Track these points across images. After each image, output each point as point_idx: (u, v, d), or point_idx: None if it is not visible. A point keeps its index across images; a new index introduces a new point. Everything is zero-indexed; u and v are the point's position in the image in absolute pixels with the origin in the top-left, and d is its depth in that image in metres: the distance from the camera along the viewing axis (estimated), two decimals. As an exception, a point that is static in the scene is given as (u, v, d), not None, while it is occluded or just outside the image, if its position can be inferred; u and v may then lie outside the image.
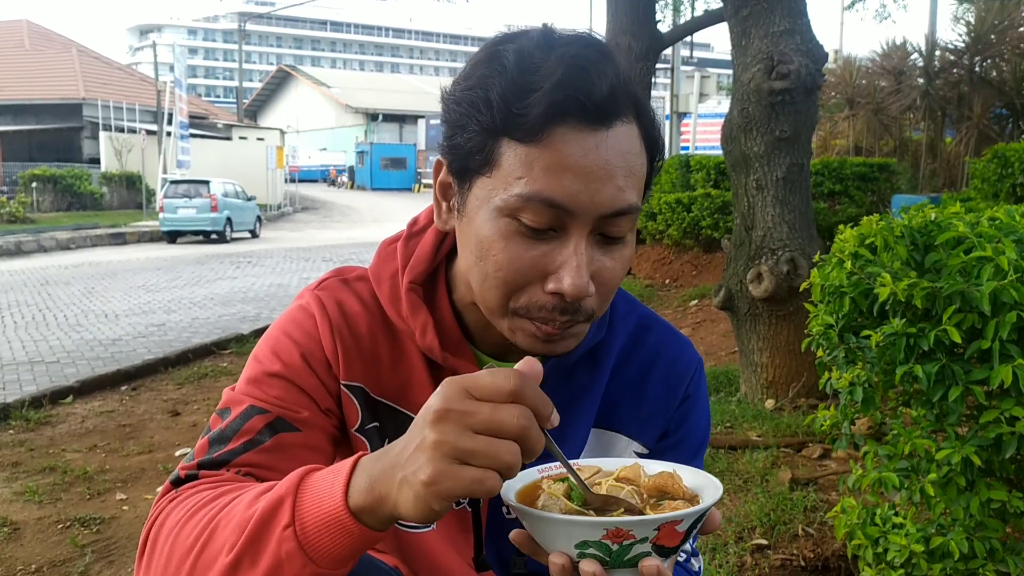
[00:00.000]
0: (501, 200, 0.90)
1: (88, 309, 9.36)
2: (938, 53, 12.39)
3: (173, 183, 19.77)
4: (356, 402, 1.06)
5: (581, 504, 0.81)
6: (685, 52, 16.86)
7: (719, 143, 4.87)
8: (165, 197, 19.16)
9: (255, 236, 21.30)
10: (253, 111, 68.37)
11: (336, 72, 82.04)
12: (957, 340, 1.60)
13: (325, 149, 60.04)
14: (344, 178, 52.09)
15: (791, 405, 4.46)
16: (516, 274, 0.92)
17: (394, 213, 28.71)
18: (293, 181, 34.33)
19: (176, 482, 0.96)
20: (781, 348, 4.54)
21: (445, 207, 1.01)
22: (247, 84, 72.42)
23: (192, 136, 26.76)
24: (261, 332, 1.10)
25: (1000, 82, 11.86)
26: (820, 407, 2.07)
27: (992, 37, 11.67)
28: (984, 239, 1.67)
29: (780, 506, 3.14)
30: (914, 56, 12.81)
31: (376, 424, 1.07)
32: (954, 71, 12.19)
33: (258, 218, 21.96)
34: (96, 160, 29.50)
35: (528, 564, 1.09)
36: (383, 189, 47.06)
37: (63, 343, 7.41)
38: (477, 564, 1.11)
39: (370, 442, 1.07)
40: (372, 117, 59.61)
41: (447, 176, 0.99)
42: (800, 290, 3.86)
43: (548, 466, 0.91)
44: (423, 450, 0.72)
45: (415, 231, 1.12)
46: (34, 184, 25.00)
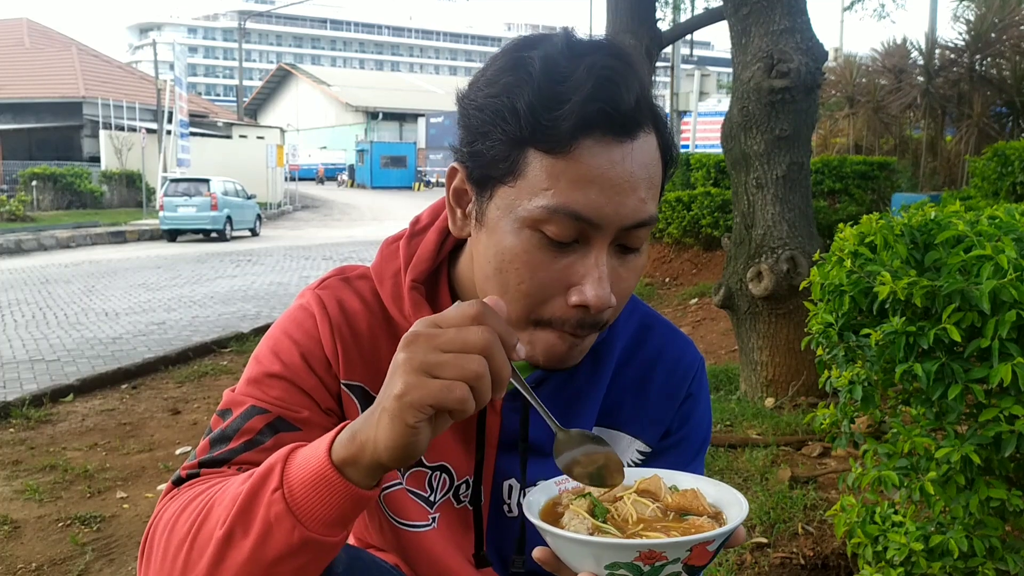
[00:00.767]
0: (525, 211, 0.89)
1: (88, 307, 9.37)
2: (938, 51, 12.39)
3: (173, 181, 19.77)
4: (356, 401, 1.06)
5: (604, 520, 0.81)
6: (685, 50, 16.87)
7: (719, 141, 4.87)
8: (165, 195, 19.16)
9: (255, 234, 21.30)
10: (253, 109, 68.38)
11: (336, 70, 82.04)
12: (957, 339, 1.60)
13: (325, 147, 60.06)
14: (345, 175, 52.06)
15: (791, 403, 4.46)
16: (539, 286, 0.92)
17: (394, 212, 28.71)
18: (293, 180, 34.32)
19: (178, 482, 0.97)
20: (781, 346, 4.54)
21: (460, 214, 1.00)
22: (247, 82, 72.42)
23: (192, 134, 26.76)
24: (261, 330, 1.09)
25: (1000, 80, 11.85)
26: (820, 405, 2.07)
27: (992, 35, 11.66)
28: (984, 238, 1.67)
29: (780, 504, 3.14)
30: (914, 54, 12.81)
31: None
32: (954, 69, 12.18)
33: (258, 216, 21.96)
34: (96, 158, 29.50)
35: (527, 563, 1.09)
36: (383, 187, 47.07)
37: (63, 341, 7.41)
38: (478, 561, 1.11)
39: None
40: (372, 115, 59.63)
41: (463, 183, 0.98)
42: (800, 288, 3.86)
43: (565, 478, 0.90)
44: (394, 372, 0.75)
45: (417, 230, 1.12)
46: (34, 182, 25.01)
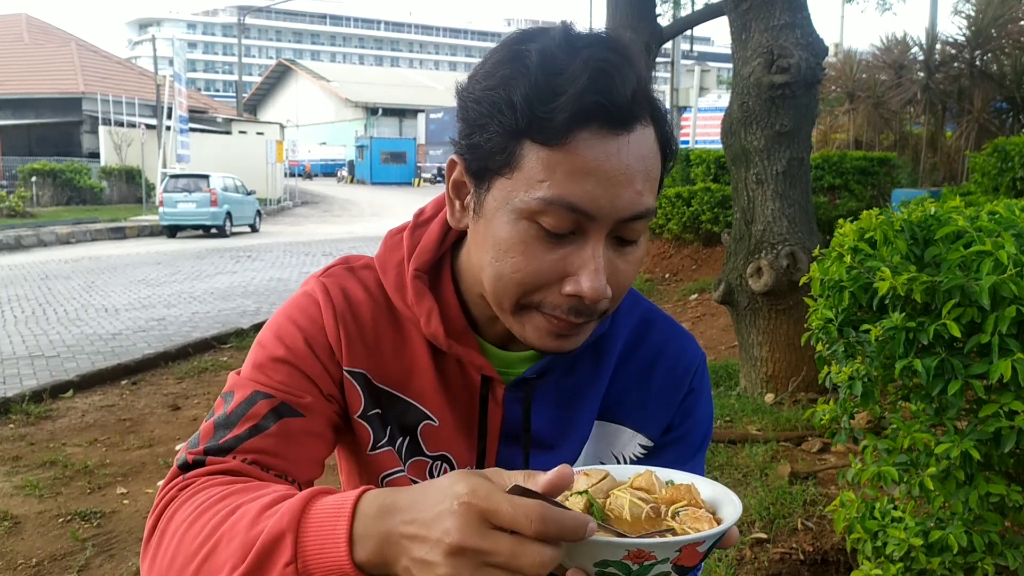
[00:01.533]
0: (521, 202, 0.90)
1: (88, 303, 9.36)
2: (938, 47, 12.38)
3: (173, 177, 19.76)
4: (359, 388, 1.06)
5: (600, 518, 0.81)
6: (685, 46, 16.84)
7: (719, 137, 4.86)
8: (165, 191, 19.15)
9: (255, 230, 21.30)
10: (253, 105, 68.29)
11: (336, 66, 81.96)
12: (956, 334, 1.60)
13: (325, 143, 60.00)
14: (344, 171, 52.03)
15: (791, 399, 4.46)
16: (534, 276, 0.92)
17: (394, 207, 28.69)
18: (293, 175, 34.29)
19: (184, 467, 0.97)
20: (781, 342, 4.54)
21: (459, 206, 1.01)
22: (246, 78, 72.35)
23: (192, 130, 26.74)
24: (261, 326, 1.11)
25: (1000, 76, 11.85)
26: (819, 401, 2.07)
27: (992, 31, 11.66)
28: (984, 233, 1.67)
29: (779, 500, 3.14)
30: (914, 50, 12.81)
31: (378, 411, 1.08)
32: (954, 65, 12.18)
33: (258, 212, 21.96)
34: (95, 154, 29.48)
35: None
36: (383, 183, 47.04)
37: (63, 337, 7.41)
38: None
39: (372, 428, 1.08)
40: (372, 111, 59.53)
41: (462, 175, 0.99)
42: (800, 284, 3.85)
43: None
44: (432, 575, 0.70)
45: (421, 221, 1.13)
46: (33, 178, 25.00)
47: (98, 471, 4.00)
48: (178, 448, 4.33)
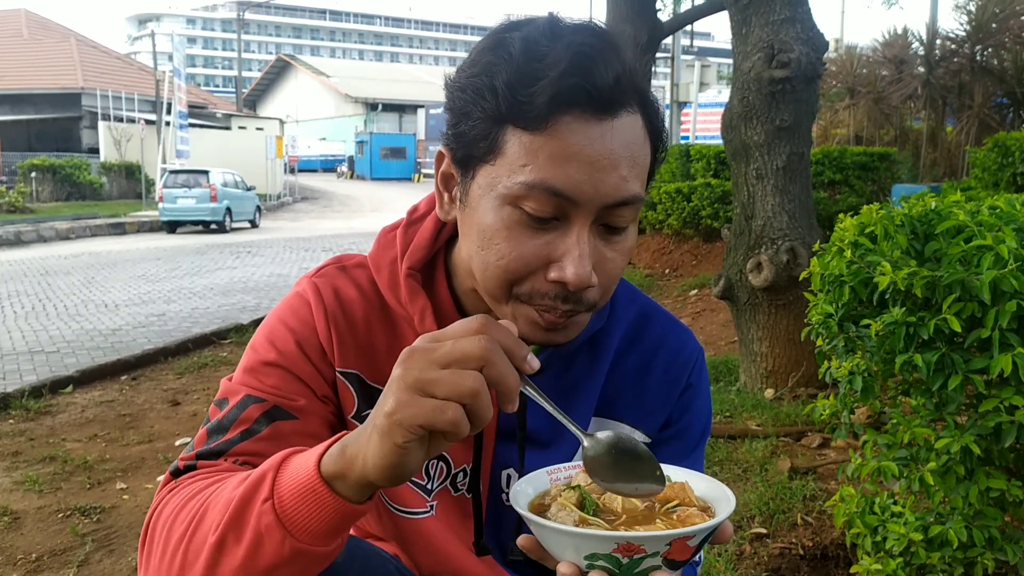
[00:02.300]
0: (504, 188, 0.90)
1: (88, 299, 9.36)
2: (939, 42, 12.36)
3: (172, 173, 19.74)
4: (352, 389, 1.06)
5: (593, 513, 0.81)
6: (685, 41, 16.82)
7: (719, 132, 4.85)
8: (164, 187, 19.12)
9: (255, 226, 21.28)
10: (252, 101, 68.25)
11: (335, 61, 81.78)
12: (957, 329, 1.59)
13: (325, 139, 59.95)
14: (344, 167, 51.99)
15: (791, 394, 4.46)
16: (518, 263, 0.92)
17: (394, 203, 28.68)
18: (293, 171, 34.28)
19: (175, 473, 0.97)
20: (781, 337, 4.54)
21: (447, 197, 1.01)
22: (246, 73, 72.27)
23: (191, 126, 26.70)
24: (260, 322, 1.10)
25: (1001, 71, 11.84)
26: (819, 396, 2.07)
27: (993, 26, 11.64)
28: (984, 228, 1.67)
29: (779, 495, 3.14)
30: (915, 45, 12.79)
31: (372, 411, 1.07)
32: (955, 60, 12.16)
33: (257, 208, 21.94)
34: (95, 150, 29.45)
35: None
36: (383, 179, 47.02)
37: (63, 333, 7.41)
38: (477, 549, 1.11)
39: None
40: (372, 107, 59.47)
41: (450, 167, 0.99)
42: (800, 279, 3.85)
43: (558, 467, 0.91)
44: (388, 388, 0.74)
45: (415, 218, 1.12)
46: (33, 174, 24.97)
47: (98, 466, 4.00)
48: (178, 444, 4.33)
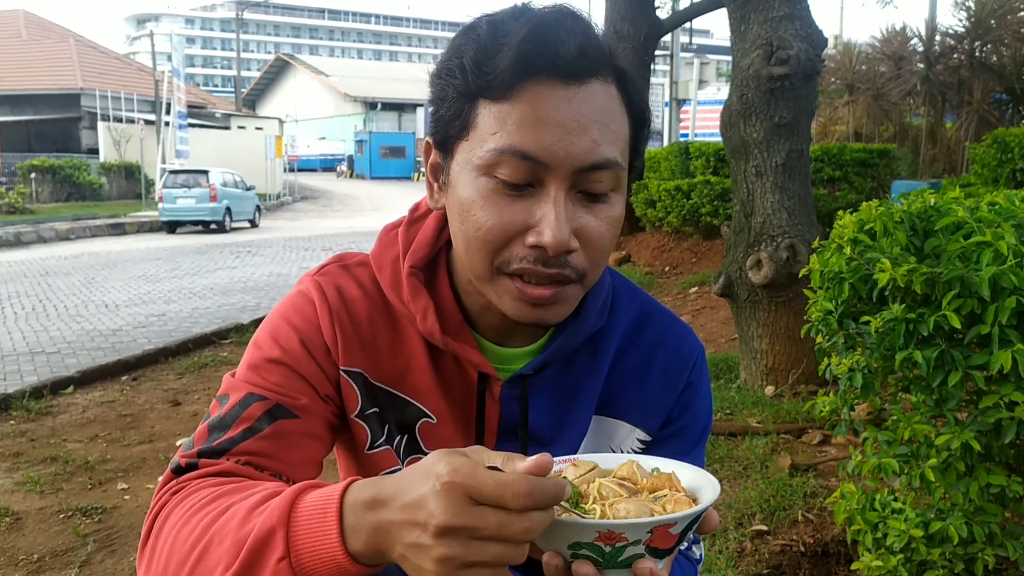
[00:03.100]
0: (478, 158, 0.91)
1: (88, 299, 9.37)
2: (938, 38, 12.35)
3: (172, 173, 19.73)
4: (355, 388, 1.06)
5: (574, 504, 0.81)
6: (684, 38, 16.80)
7: (718, 130, 4.85)
8: (164, 187, 19.11)
9: (254, 226, 21.28)
10: (251, 100, 68.20)
11: (334, 61, 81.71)
12: (956, 325, 1.60)
13: (324, 138, 59.92)
14: (343, 166, 51.95)
15: (791, 391, 4.46)
16: (496, 232, 0.92)
17: (393, 202, 28.67)
18: (292, 171, 34.27)
19: (177, 470, 0.96)
20: (781, 334, 4.54)
21: (436, 187, 1.02)
22: (245, 73, 72.16)
23: (191, 126, 26.69)
24: (261, 321, 1.10)
25: (1000, 67, 11.83)
26: (820, 393, 2.07)
27: (992, 22, 11.63)
28: (983, 224, 1.67)
29: (780, 492, 3.14)
30: (914, 41, 12.78)
31: (376, 409, 1.07)
32: (954, 56, 12.15)
33: (257, 208, 21.93)
34: (95, 150, 29.43)
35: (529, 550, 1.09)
36: (382, 178, 47.01)
37: (64, 333, 7.41)
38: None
39: (370, 427, 1.07)
40: (371, 106, 59.42)
41: (436, 156, 1.01)
42: (800, 276, 3.85)
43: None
44: (428, 559, 0.70)
45: (416, 217, 1.12)
46: (33, 175, 24.96)
47: (99, 467, 4.00)
48: (179, 444, 4.34)
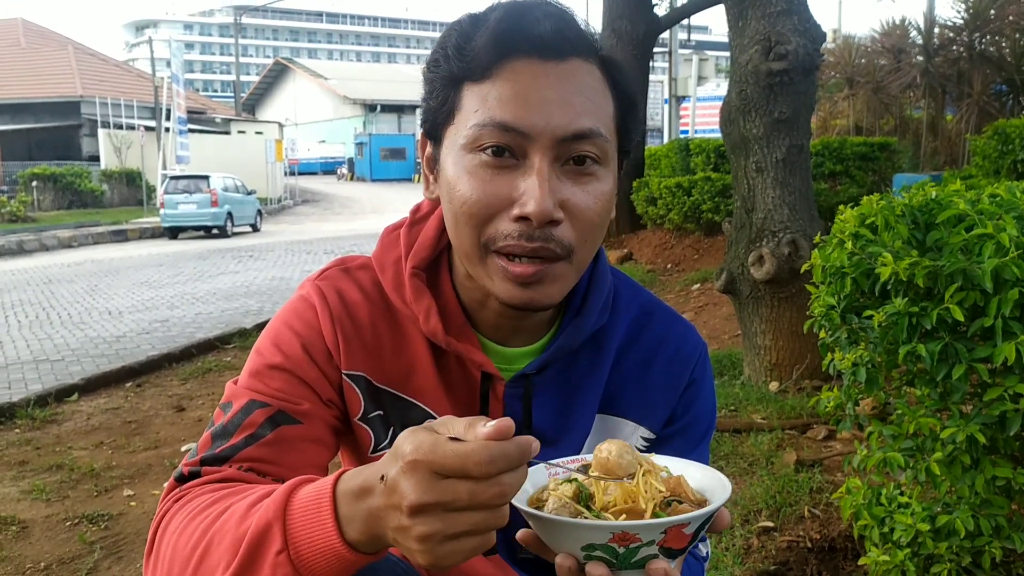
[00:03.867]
0: (463, 138, 0.93)
1: (91, 307, 9.37)
2: (937, 30, 12.34)
3: (173, 179, 19.77)
4: (358, 391, 1.06)
5: (585, 505, 0.81)
6: (683, 35, 16.81)
7: (718, 126, 4.85)
8: (165, 193, 19.15)
9: (256, 230, 21.30)
10: (251, 105, 68.18)
11: (333, 64, 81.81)
12: (960, 318, 1.59)
13: (324, 141, 59.95)
14: (344, 169, 51.96)
15: (795, 387, 4.45)
16: (481, 205, 0.93)
17: (394, 203, 28.67)
18: (293, 174, 34.30)
19: (180, 479, 0.97)
20: (784, 330, 4.53)
21: (432, 179, 1.04)
22: (244, 78, 72.15)
23: (191, 131, 26.72)
24: (264, 326, 1.10)
25: (1000, 58, 11.81)
26: (824, 388, 2.07)
27: (991, 13, 11.62)
28: (985, 216, 1.66)
29: (786, 488, 3.14)
30: (913, 34, 12.77)
31: (380, 412, 1.07)
32: (953, 48, 12.14)
33: (259, 212, 21.96)
34: (95, 157, 29.48)
35: None
36: (383, 180, 47.03)
37: (67, 341, 7.41)
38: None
39: (374, 431, 1.07)
40: (370, 108, 59.42)
41: (430, 148, 1.02)
42: (802, 272, 3.83)
43: (557, 462, 0.91)
44: (411, 538, 0.70)
45: (418, 218, 1.13)
46: (34, 183, 25.00)
47: (104, 474, 4.00)
48: (184, 449, 4.34)
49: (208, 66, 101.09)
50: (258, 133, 35.11)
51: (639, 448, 1.13)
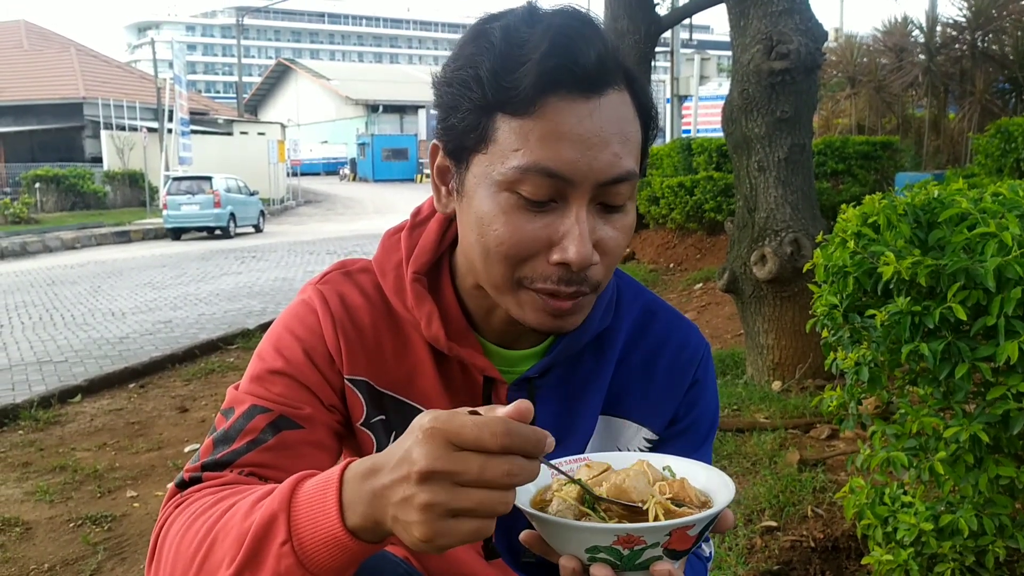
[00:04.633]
0: (499, 174, 0.90)
1: (95, 308, 9.39)
2: (939, 29, 12.32)
3: (176, 180, 19.79)
4: (360, 396, 1.05)
5: (591, 506, 0.81)
6: (684, 35, 16.81)
7: (720, 125, 4.84)
8: (168, 194, 19.17)
9: (259, 231, 21.32)
10: (253, 105, 68.25)
11: (335, 64, 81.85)
12: (962, 317, 1.59)
13: (326, 142, 60.00)
14: (346, 169, 51.99)
15: (798, 386, 4.45)
16: (519, 247, 0.91)
17: (397, 204, 28.68)
18: (295, 175, 34.33)
19: (181, 485, 0.96)
20: (786, 329, 4.53)
21: (444, 191, 1.01)
22: (246, 79, 72.30)
23: (193, 132, 26.75)
24: (267, 327, 1.10)
25: (1002, 56, 11.80)
26: (827, 387, 2.06)
27: (993, 11, 11.60)
28: (988, 215, 1.66)
29: (789, 488, 3.14)
30: (915, 32, 12.76)
31: (382, 417, 1.07)
32: (956, 46, 12.12)
33: (261, 213, 21.97)
34: (98, 159, 29.52)
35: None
36: (385, 180, 47.04)
37: (71, 342, 7.42)
38: (487, 553, 1.11)
39: (376, 436, 1.07)
40: (372, 108, 59.45)
41: (444, 159, 0.99)
42: (804, 271, 3.83)
43: (559, 461, 0.91)
44: (413, 508, 0.70)
45: (419, 221, 1.12)
46: (37, 185, 25.05)
47: (108, 475, 4.01)
48: (187, 451, 4.34)
49: (210, 67, 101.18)
50: (260, 134, 35.12)
51: (642, 450, 1.13)
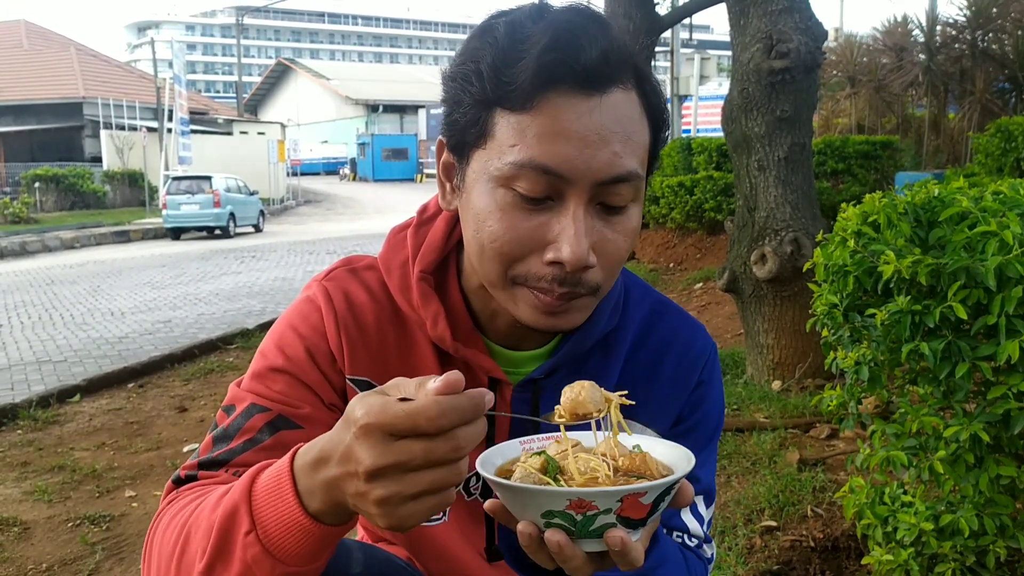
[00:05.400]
0: (496, 170, 0.89)
1: (94, 307, 9.38)
2: (939, 28, 12.32)
3: (175, 179, 19.80)
4: None
5: (553, 477, 0.81)
6: (684, 34, 16.80)
7: (720, 125, 4.84)
8: (168, 194, 19.18)
9: (258, 230, 21.32)
10: (253, 105, 68.26)
11: (335, 64, 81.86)
12: (963, 316, 1.58)
13: (326, 142, 60.01)
14: (346, 169, 52.01)
15: (798, 386, 4.44)
16: (513, 244, 0.90)
17: (397, 204, 28.69)
18: (295, 175, 34.33)
19: (177, 482, 0.96)
20: (786, 329, 4.52)
21: (448, 187, 1.01)
22: (246, 78, 72.32)
23: (193, 132, 26.75)
24: (267, 327, 1.09)
25: (1002, 56, 11.79)
26: (827, 387, 2.06)
27: (993, 11, 11.59)
28: (988, 214, 1.66)
29: (788, 487, 3.13)
30: (915, 32, 12.75)
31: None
32: (956, 46, 12.11)
33: (261, 212, 21.98)
34: (98, 159, 29.53)
35: None
36: (385, 180, 47.05)
37: (70, 342, 7.42)
38: (489, 555, 1.10)
39: None
40: (372, 108, 59.47)
41: (448, 155, 0.98)
42: (804, 270, 3.83)
43: (531, 438, 0.92)
44: (370, 503, 0.70)
45: (425, 219, 1.11)
46: (37, 184, 25.05)
47: (106, 475, 4.00)
48: (186, 450, 4.34)
49: (210, 67, 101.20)
50: (260, 134, 35.14)
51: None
